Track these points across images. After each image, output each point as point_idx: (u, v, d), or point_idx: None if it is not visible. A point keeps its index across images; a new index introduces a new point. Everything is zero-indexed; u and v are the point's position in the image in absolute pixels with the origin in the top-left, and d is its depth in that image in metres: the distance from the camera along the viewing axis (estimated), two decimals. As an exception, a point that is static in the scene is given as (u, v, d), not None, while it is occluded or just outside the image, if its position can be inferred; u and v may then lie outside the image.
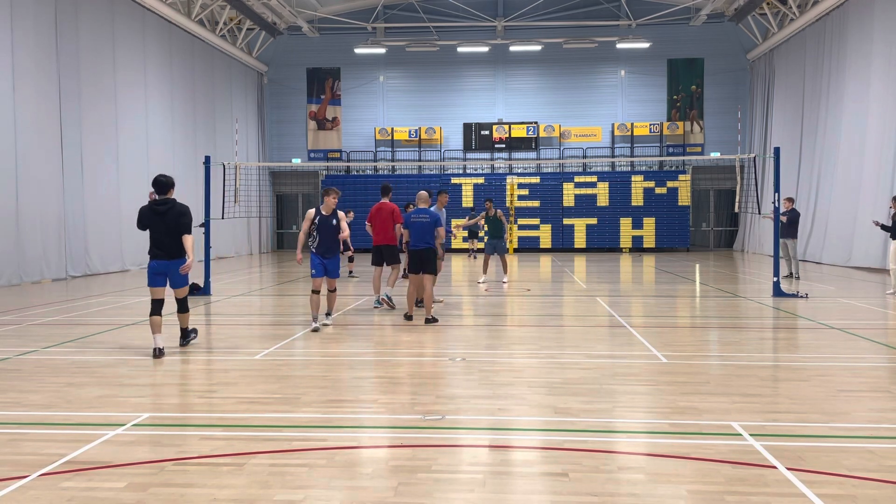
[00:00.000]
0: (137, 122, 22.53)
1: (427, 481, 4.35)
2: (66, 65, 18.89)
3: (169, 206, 8.32)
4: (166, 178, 8.47)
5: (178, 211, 8.34)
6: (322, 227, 10.16)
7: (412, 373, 7.38)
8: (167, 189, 8.45)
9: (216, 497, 4.13)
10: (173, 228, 8.25)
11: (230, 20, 28.93)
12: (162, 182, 8.49)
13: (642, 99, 32.26)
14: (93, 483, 4.34)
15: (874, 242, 19.52)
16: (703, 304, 13.42)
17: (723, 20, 30.93)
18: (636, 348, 8.66)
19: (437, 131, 32.50)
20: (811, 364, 7.76)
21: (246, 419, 5.74)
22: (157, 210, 8.29)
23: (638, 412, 5.97)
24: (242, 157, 30.03)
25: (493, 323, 11.14)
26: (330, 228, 10.19)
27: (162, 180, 8.47)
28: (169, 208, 8.30)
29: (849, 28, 22.54)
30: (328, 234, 10.17)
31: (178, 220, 8.31)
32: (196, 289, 14.71)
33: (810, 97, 25.46)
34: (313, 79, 33.26)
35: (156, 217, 8.30)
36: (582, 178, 31.46)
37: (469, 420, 5.74)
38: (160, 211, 8.28)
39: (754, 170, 19.47)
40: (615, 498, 4.10)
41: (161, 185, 8.50)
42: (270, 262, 26.08)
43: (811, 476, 4.37)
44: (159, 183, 8.49)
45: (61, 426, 5.53)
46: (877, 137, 20.24)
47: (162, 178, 8.49)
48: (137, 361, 8.03)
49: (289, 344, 9.12)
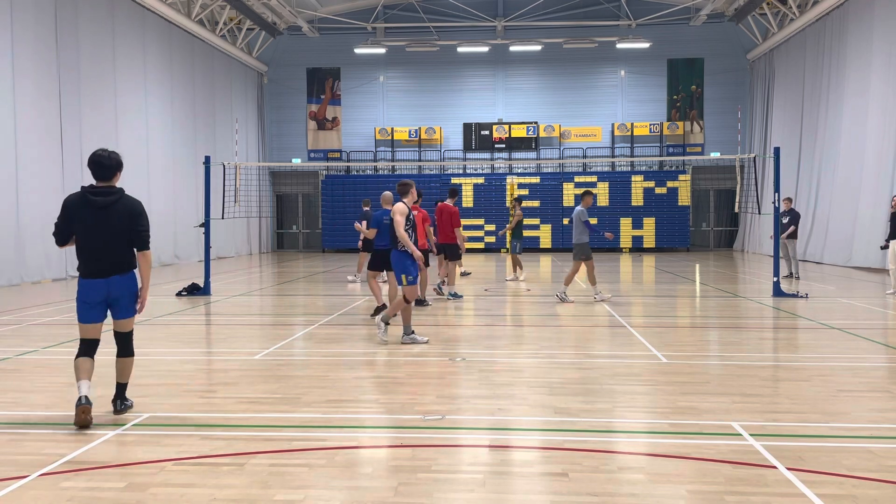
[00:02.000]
0: (137, 122, 22.52)
1: (427, 481, 4.35)
2: (66, 65, 18.88)
3: (115, 199, 5.57)
4: (110, 155, 5.62)
5: (129, 207, 5.63)
6: (410, 223, 9.24)
7: (412, 373, 7.38)
8: (112, 173, 5.63)
9: (216, 497, 4.13)
10: (120, 233, 5.58)
11: (230, 20, 28.93)
12: (103, 162, 5.58)
13: (642, 99, 32.26)
14: (93, 483, 4.34)
15: (874, 242, 19.52)
16: (704, 304, 13.42)
17: (723, 20, 30.93)
18: (636, 348, 8.66)
19: (437, 131, 32.49)
20: (811, 364, 7.76)
21: (246, 419, 5.74)
22: (96, 202, 5.51)
23: (638, 412, 5.97)
24: (242, 157, 30.03)
25: (493, 323, 11.14)
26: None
27: (103, 159, 5.58)
28: (114, 201, 5.56)
29: (849, 28, 22.54)
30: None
31: (130, 222, 5.61)
32: (196, 289, 14.73)
33: (810, 97, 25.46)
34: (313, 79, 33.26)
35: (92, 213, 5.52)
36: (582, 178, 31.45)
37: (469, 420, 5.74)
38: (100, 204, 5.51)
39: (754, 170, 19.46)
40: (615, 498, 4.10)
41: (101, 165, 5.59)
42: (270, 262, 26.09)
43: (811, 476, 4.37)
44: (99, 163, 5.58)
45: (61, 426, 5.52)
46: (877, 137, 20.24)
47: (103, 156, 5.58)
48: (137, 361, 8.00)
49: (289, 344, 9.11)
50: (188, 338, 9.88)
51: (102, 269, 5.58)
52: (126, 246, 5.65)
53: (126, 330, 5.84)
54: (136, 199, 5.76)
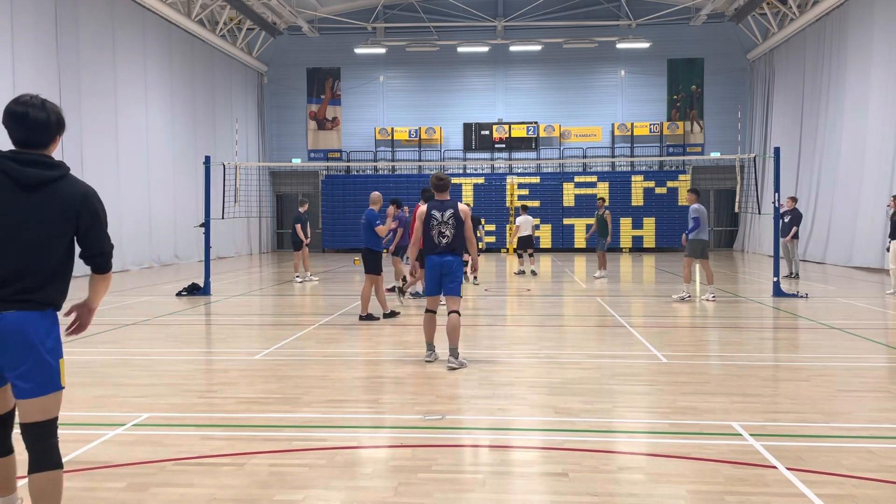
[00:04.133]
0: (137, 122, 22.52)
1: (427, 481, 4.35)
2: (67, 65, 18.89)
3: (55, 176, 3.30)
4: (44, 103, 3.30)
5: (78, 195, 3.34)
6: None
7: (412, 373, 7.37)
8: (49, 135, 3.33)
9: (216, 497, 4.13)
10: (52, 235, 3.30)
11: (230, 20, 28.93)
12: (31, 115, 3.26)
13: (642, 99, 32.26)
14: (93, 483, 4.34)
15: (874, 242, 19.52)
16: (703, 304, 13.42)
17: (723, 20, 30.93)
18: (636, 348, 8.65)
19: (437, 131, 32.49)
20: (811, 364, 7.76)
21: (246, 419, 5.74)
22: (23, 176, 3.24)
23: (638, 412, 5.97)
24: (242, 157, 30.03)
25: (493, 323, 11.14)
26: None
27: (33, 109, 3.26)
28: (54, 179, 3.30)
29: (849, 28, 22.54)
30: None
31: (77, 220, 3.34)
32: (196, 289, 14.73)
33: (810, 97, 25.45)
34: (313, 79, 33.26)
35: (12, 194, 3.24)
36: (582, 178, 31.46)
37: (469, 420, 5.74)
38: (30, 180, 3.25)
39: (754, 170, 19.46)
40: (615, 498, 4.10)
41: (29, 121, 3.27)
42: (270, 263, 26.09)
43: (811, 476, 4.37)
44: (24, 116, 3.26)
45: (61, 426, 5.49)
46: (877, 137, 20.23)
47: (32, 104, 3.27)
48: (137, 361, 8.02)
49: (289, 344, 9.11)
50: (188, 338, 9.88)
51: (16, 293, 3.22)
52: (55, 259, 3.31)
53: (47, 417, 3.48)
54: (88, 187, 3.41)
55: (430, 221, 7.72)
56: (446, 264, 7.69)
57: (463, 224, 7.76)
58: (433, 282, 7.74)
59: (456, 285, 7.74)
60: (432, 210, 7.75)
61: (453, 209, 7.74)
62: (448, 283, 7.72)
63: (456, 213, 7.72)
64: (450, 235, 7.70)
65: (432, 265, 7.72)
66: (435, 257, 7.72)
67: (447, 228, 7.70)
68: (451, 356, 7.57)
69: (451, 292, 7.73)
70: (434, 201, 7.84)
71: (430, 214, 7.74)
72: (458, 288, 7.78)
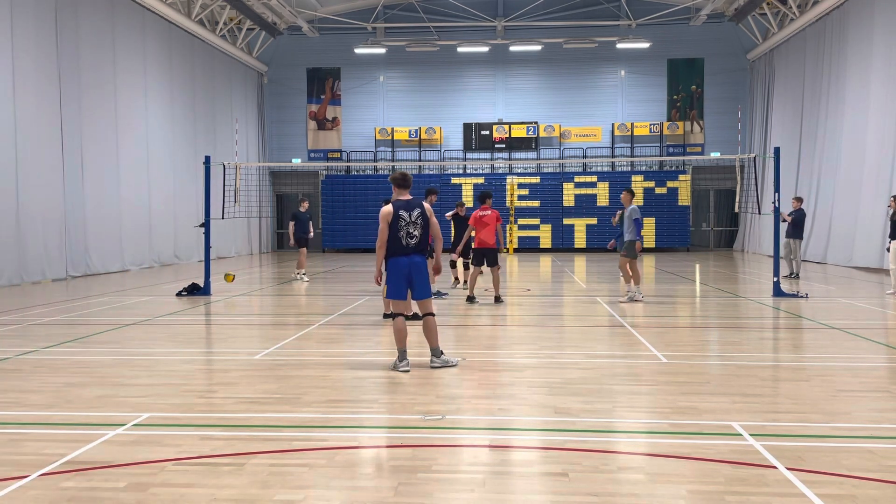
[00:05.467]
0: (137, 122, 22.52)
1: (427, 481, 4.35)
2: (67, 65, 18.88)
3: None
4: None
5: None
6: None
7: (412, 373, 7.37)
8: None
9: (216, 497, 4.13)
10: None
11: (230, 20, 28.92)
12: None
13: (642, 99, 32.25)
14: (93, 483, 4.33)
15: (874, 242, 19.52)
16: (704, 304, 13.42)
17: (723, 20, 30.93)
18: (636, 348, 8.65)
19: (437, 131, 32.49)
20: (812, 364, 7.76)
21: (246, 419, 5.74)
22: None
23: (638, 412, 5.96)
24: (242, 157, 30.03)
25: (494, 323, 11.14)
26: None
27: None
28: None
29: (849, 28, 22.54)
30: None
31: None
32: (196, 289, 14.73)
33: (810, 97, 25.45)
34: (313, 79, 33.26)
35: None
36: (582, 178, 31.45)
37: (469, 420, 5.74)
38: None
39: (754, 170, 19.45)
40: (615, 498, 4.10)
41: None
42: (270, 262, 26.08)
43: (811, 476, 4.37)
44: None
45: (61, 426, 5.53)
46: (877, 137, 20.23)
47: None
48: (137, 361, 8.02)
49: (289, 344, 9.11)
50: (188, 338, 9.88)
51: None
52: None
53: None
54: None
55: (397, 222, 7.41)
56: (415, 266, 7.49)
57: (429, 223, 7.64)
58: (401, 284, 7.47)
59: (427, 287, 7.60)
60: (399, 210, 7.44)
61: (420, 208, 7.53)
62: (419, 286, 7.51)
63: (423, 213, 7.54)
64: (418, 235, 7.48)
65: (400, 266, 7.47)
66: (403, 258, 7.47)
67: (415, 228, 7.47)
68: (434, 356, 7.53)
69: (424, 295, 7.57)
70: (399, 200, 7.53)
71: (398, 215, 7.42)
72: (430, 289, 7.66)
